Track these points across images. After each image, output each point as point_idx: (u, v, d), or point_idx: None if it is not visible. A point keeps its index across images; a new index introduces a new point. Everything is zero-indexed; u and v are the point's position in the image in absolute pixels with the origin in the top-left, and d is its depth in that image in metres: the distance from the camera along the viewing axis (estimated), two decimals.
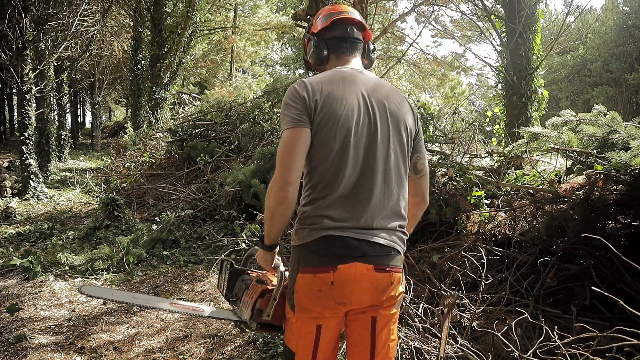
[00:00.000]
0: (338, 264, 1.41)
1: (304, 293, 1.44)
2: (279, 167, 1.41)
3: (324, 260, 1.42)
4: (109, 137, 24.70)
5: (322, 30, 1.65)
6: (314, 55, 1.66)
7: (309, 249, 1.44)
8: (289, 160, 1.40)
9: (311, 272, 1.43)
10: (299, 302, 1.45)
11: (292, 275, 1.48)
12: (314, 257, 1.43)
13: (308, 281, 1.43)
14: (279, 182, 1.40)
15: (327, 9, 1.70)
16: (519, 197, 3.78)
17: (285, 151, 1.41)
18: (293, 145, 1.41)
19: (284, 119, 1.45)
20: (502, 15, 7.12)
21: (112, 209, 6.11)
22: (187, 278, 4.39)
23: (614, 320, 2.53)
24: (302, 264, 1.45)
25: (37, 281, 4.29)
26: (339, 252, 1.42)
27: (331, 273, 1.41)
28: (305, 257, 1.45)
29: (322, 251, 1.43)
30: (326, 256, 1.42)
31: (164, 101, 13.37)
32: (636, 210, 2.93)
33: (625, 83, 20.82)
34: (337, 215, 1.43)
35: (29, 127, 9.09)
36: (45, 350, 3.00)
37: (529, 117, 6.77)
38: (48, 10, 9.30)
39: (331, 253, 1.42)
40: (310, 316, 1.46)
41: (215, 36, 19.29)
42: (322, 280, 1.42)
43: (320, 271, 1.42)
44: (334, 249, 1.42)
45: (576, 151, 3.36)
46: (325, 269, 1.41)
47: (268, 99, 8.28)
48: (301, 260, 1.45)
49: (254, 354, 2.93)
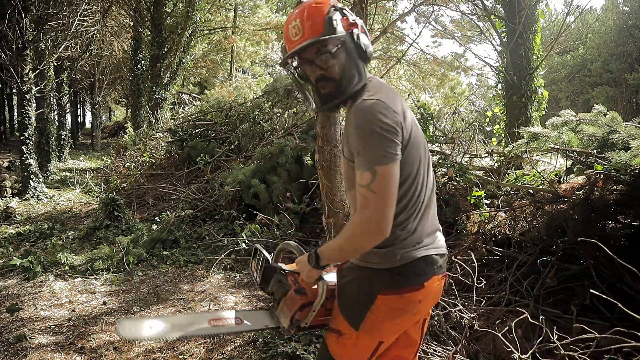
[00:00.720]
0: (425, 282, 1.41)
1: (383, 314, 1.41)
2: (381, 206, 1.27)
3: (413, 281, 1.40)
4: (109, 137, 24.71)
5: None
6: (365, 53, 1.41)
7: (399, 272, 1.39)
8: (392, 199, 1.29)
9: (396, 294, 1.39)
10: (372, 323, 1.41)
11: (365, 297, 1.41)
12: (401, 279, 1.39)
13: (391, 302, 1.40)
14: (379, 226, 1.28)
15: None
16: (519, 197, 3.78)
17: (387, 190, 1.27)
18: (395, 181, 1.29)
19: (378, 153, 1.27)
20: (502, 15, 7.12)
21: (112, 209, 6.12)
22: (187, 278, 4.39)
23: (614, 320, 2.53)
24: (386, 287, 1.39)
25: (37, 281, 4.29)
26: (427, 270, 1.42)
27: (419, 291, 1.40)
28: (390, 279, 1.40)
29: (414, 272, 1.40)
30: (417, 276, 1.40)
31: (164, 101, 13.37)
32: (636, 210, 2.93)
33: (625, 83, 20.83)
34: (425, 235, 1.42)
35: (29, 127, 9.10)
36: (45, 350, 3.00)
37: (529, 117, 6.78)
38: (48, 10, 9.30)
39: (422, 272, 1.41)
40: (378, 334, 1.44)
41: (215, 36, 19.29)
42: (409, 299, 1.40)
43: (408, 291, 1.40)
44: (425, 268, 1.42)
45: (576, 151, 3.36)
46: (413, 288, 1.40)
47: (268, 99, 8.28)
48: (383, 283, 1.40)
49: (254, 354, 2.93)
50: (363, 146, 1.29)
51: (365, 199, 1.28)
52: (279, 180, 5.43)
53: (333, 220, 3.27)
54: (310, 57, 1.41)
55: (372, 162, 1.27)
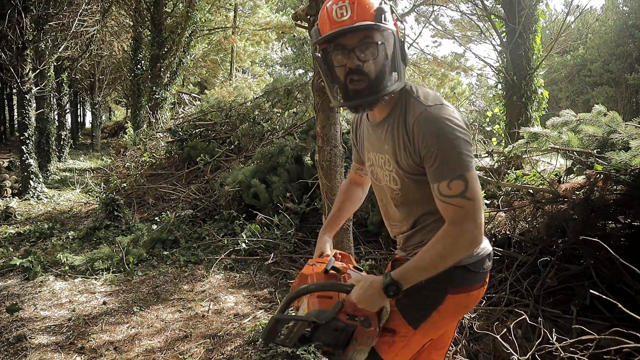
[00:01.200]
0: (486, 278, 1.40)
1: (449, 313, 1.37)
2: (479, 212, 1.23)
3: (481, 277, 1.38)
4: (109, 137, 24.71)
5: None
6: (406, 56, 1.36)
7: (473, 269, 1.36)
8: (483, 203, 1.28)
9: (465, 292, 1.36)
10: (435, 323, 1.37)
11: (434, 296, 1.34)
12: (473, 276, 1.36)
13: (460, 301, 1.36)
14: (478, 233, 1.23)
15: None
16: (519, 197, 3.78)
17: (479, 195, 1.24)
18: (479, 185, 1.27)
19: (465, 159, 1.23)
20: (502, 15, 7.12)
21: (112, 209, 6.11)
22: (187, 278, 4.39)
23: (614, 320, 2.53)
24: (457, 285, 1.35)
25: (37, 281, 4.29)
26: (489, 266, 1.41)
27: (483, 288, 1.39)
28: (463, 277, 1.35)
29: (483, 268, 1.38)
30: (484, 272, 1.39)
31: (164, 101, 13.37)
32: (636, 210, 2.93)
33: (625, 83, 20.83)
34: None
35: (29, 127, 9.10)
36: (45, 350, 3.00)
37: (529, 117, 6.78)
38: (48, 10, 9.30)
39: (487, 267, 1.40)
40: (434, 332, 1.41)
41: (215, 36, 19.28)
42: (475, 297, 1.38)
43: (475, 288, 1.37)
44: (489, 262, 1.40)
45: (576, 151, 3.36)
46: (479, 284, 1.38)
47: (268, 99, 8.28)
48: (456, 281, 1.34)
49: (254, 354, 2.93)
50: (448, 154, 1.22)
51: (461, 209, 1.22)
52: (279, 180, 5.43)
53: None
54: (351, 43, 1.27)
55: (461, 169, 1.22)
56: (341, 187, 1.88)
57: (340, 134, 3.31)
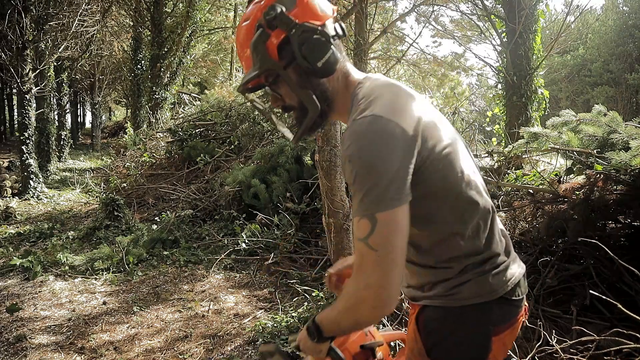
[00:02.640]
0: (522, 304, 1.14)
1: (498, 354, 1.10)
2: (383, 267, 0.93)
3: (520, 302, 1.12)
4: (109, 137, 24.69)
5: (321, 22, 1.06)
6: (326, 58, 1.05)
7: (509, 297, 1.08)
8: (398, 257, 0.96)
9: (508, 327, 1.09)
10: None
11: (474, 345, 1.07)
12: (510, 307, 1.09)
13: (505, 339, 1.10)
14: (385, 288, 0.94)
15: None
16: (519, 197, 3.78)
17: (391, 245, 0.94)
18: (402, 232, 0.96)
19: (380, 194, 0.93)
20: (502, 15, 7.12)
21: (112, 209, 6.11)
22: (187, 278, 4.39)
23: (614, 320, 2.53)
24: (497, 322, 1.07)
25: (37, 281, 4.29)
26: (525, 285, 1.16)
27: (524, 316, 1.14)
28: (499, 312, 1.07)
29: (520, 292, 1.12)
30: (521, 298, 1.12)
31: (164, 101, 13.37)
32: (636, 210, 2.93)
33: (625, 83, 20.82)
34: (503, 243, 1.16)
35: (29, 127, 9.10)
36: (45, 350, 3.00)
37: (529, 117, 6.78)
38: (48, 10, 9.31)
39: (524, 290, 1.14)
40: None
41: (215, 36, 19.28)
42: (517, 328, 1.12)
43: (516, 320, 1.10)
44: (524, 282, 1.15)
45: (576, 151, 3.36)
46: (518, 315, 1.11)
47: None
48: (493, 318, 1.07)
49: (254, 354, 2.93)
50: (358, 185, 0.94)
51: (362, 258, 0.95)
52: (279, 180, 5.43)
53: (333, 220, 3.28)
54: (257, 87, 1.14)
55: (373, 206, 0.92)
56: None
57: (340, 133, 3.31)
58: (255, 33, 1.04)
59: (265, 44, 1.03)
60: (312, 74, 1.05)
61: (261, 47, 1.04)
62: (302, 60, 1.03)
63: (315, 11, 1.05)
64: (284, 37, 1.02)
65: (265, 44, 1.03)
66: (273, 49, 1.04)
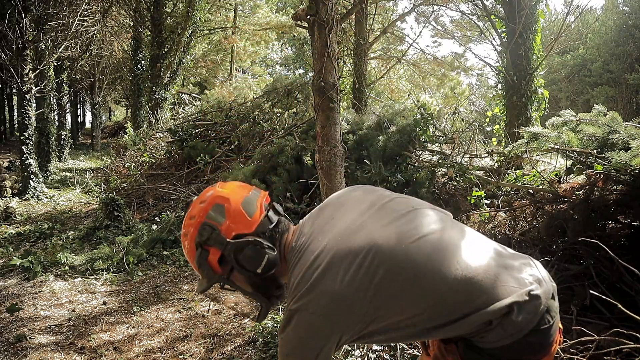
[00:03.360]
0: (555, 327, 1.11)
1: None
2: None
3: (547, 330, 1.08)
4: (109, 137, 24.69)
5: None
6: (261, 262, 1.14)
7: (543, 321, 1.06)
8: None
9: (546, 354, 1.08)
10: None
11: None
12: (541, 336, 1.06)
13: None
14: None
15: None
16: (519, 197, 3.78)
17: None
18: None
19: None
20: (502, 15, 7.11)
21: (112, 209, 6.11)
22: (187, 278, 4.39)
23: (614, 320, 2.53)
24: (537, 351, 1.06)
25: (37, 281, 4.29)
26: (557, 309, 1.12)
27: (559, 337, 1.12)
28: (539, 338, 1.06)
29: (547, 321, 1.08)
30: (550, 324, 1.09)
31: (164, 101, 13.37)
32: (636, 210, 2.93)
33: (625, 83, 20.81)
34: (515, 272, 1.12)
35: (29, 127, 9.10)
36: (45, 350, 3.00)
37: (529, 117, 6.77)
38: (48, 10, 9.30)
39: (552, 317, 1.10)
40: None
41: (215, 36, 19.28)
42: (555, 350, 1.10)
43: (550, 345, 1.08)
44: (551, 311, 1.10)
45: (576, 151, 3.36)
46: (552, 340, 1.08)
47: (268, 99, 8.27)
48: (536, 346, 1.06)
49: (254, 354, 2.93)
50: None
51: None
52: (279, 180, 5.43)
53: None
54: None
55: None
56: None
57: (340, 134, 3.31)
58: (196, 252, 1.15)
59: (207, 260, 1.14)
60: (255, 277, 1.14)
61: (204, 263, 1.14)
62: (242, 270, 1.13)
63: (244, 219, 1.13)
64: (220, 254, 1.13)
65: (206, 260, 1.14)
66: (214, 264, 1.14)
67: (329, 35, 3.16)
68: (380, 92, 15.44)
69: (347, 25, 8.90)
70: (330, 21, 3.15)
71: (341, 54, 8.68)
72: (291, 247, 1.15)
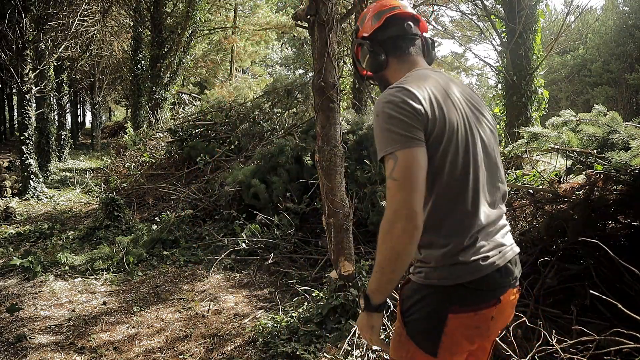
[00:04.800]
0: (500, 296, 1.26)
1: (459, 334, 1.25)
2: (405, 192, 1.15)
3: (487, 295, 1.25)
4: (109, 137, 24.69)
5: (375, 31, 1.44)
6: (370, 62, 1.46)
7: (470, 287, 1.23)
8: (416, 184, 1.16)
9: (471, 311, 1.24)
10: (451, 348, 1.26)
11: (433, 316, 1.25)
12: (473, 295, 1.24)
13: (465, 321, 1.24)
14: (407, 212, 1.14)
15: (374, 6, 1.49)
16: (519, 197, 3.78)
17: (410, 174, 1.16)
18: (418, 166, 1.17)
19: (395, 137, 1.18)
20: (502, 15, 7.12)
21: (112, 209, 6.12)
22: (187, 278, 4.39)
23: (614, 320, 2.53)
24: (456, 304, 1.23)
25: (37, 281, 4.29)
26: (503, 282, 1.27)
27: (494, 307, 1.26)
28: (459, 296, 1.23)
29: (488, 286, 1.25)
30: (491, 290, 1.25)
31: (164, 101, 13.37)
32: (636, 210, 2.93)
33: (625, 83, 20.81)
34: (488, 242, 1.27)
35: (29, 127, 9.10)
36: (45, 350, 3.00)
37: (529, 117, 6.77)
38: (48, 10, 9.30)
39: (497, 285, 1.26)
40: (462, 356, 1.31)
41: (215, 36, 19.29)
42: (485, 316, 1.26)
43: (483, 307, 1.25)
44: (500, 280, 1.26)
45: (576, 151, 3.36)
46: (489, 303, 1.25)
47: (268, 99, 8.27)
48: (453, 300, 1.23)
49: (254, 354, 2.93)
50: (383, 133, 1.21)
51: (389, 191, 1.18)
52: (279, 180, 5.43)
53: (333, 220, 3.28)
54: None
55: (393, 146, 1.18)
56: None
57: (340, 134, 3.31)
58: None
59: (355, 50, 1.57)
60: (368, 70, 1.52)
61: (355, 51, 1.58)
62: (357, 62, 1.57)
63: (365, 27, 1.49)
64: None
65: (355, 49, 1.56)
66: (357, 54, 1.55)
67: (329, 35, 3.16)
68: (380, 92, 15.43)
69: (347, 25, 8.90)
70: (330, 21, 3.15)
71: (341, 54, 8.67)
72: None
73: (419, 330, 1.27)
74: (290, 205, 5.06)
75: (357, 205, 4.64)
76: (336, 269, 3.31)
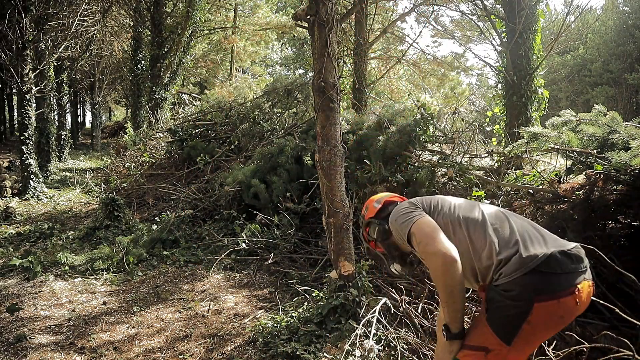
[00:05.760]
0: (577, 283, 1.35)
1: (543, 325, 1.33)
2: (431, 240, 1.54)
3: (562, 280, 1.34)
4: (109, 137, 24.69)
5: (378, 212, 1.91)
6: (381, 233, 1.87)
7: (544, 270, 1.34)
8: (433, 232, 1.60)
9: (554, 298, 1.33)
10: (529, 337, 1.35)
11: (520, 305, 1.34)
12: (551, 279, 1.34)
13: (552, 309, 1.32)
14: (442, 246, 1.49)
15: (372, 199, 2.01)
16: (519, 197, 3.78)
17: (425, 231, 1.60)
18: (429, 223, 1.64)
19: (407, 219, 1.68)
20: (502, 15, 7.11)
21: (112, 209, 6.12)
22: (187, 278, 4.39)
23: (614, 320, 2.53)
24: (540, 290, 1.33)
25: (37, 281, 4.29)
26: (576, 268, 1.37)
27: (574, 295, 1.33)
28: (540, 280, 1.33)
29: (559, 268, 1.35)
30: (565, 274, 1.35)
31: (164, 101, 13.37)
32: (636, 210, 2.93)
33: (625, 83, 20.82)
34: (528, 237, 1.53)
35: (29, 127, 9.10)
36: (45, 350, 3.00)
37: (529, 117, 6.77)
38: (48, 10, 9.31)
39: (569, 269, 1.35)
40: (529, 347, 1.40)
41: (215, 36, 19.28)
42: (568, 305, 1.33)
43: (562, 295, 1.33)
44: (572, 265, 1.36)
45: (576, 151, 3.36)
46: (566, 291, 1.33)
47: (268, 99, 8.27)
48: (537, 286, 1.33)
49: (254, 354, 2.93)
50: (400, 225, 1.69)
51: (423, 255, 1.55)
52: (279, 180, 5.43)
53: (333, 220, 3.28)
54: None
55: (408, 226, 1.63)
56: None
57: (340, 134, 3.31)
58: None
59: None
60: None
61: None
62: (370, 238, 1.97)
63: (370, 211, 1.96)
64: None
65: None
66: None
67: (329, 35, 3.16)
68: (380, 92, 15.43)
69: (347, 25, 8.90)
70: (330, 21, 3.14)
71: (341, 54, 8.68)
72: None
73: (501, 320, 1.38)
74: (290, 205, 5.06)
75: (357, 205, 4.64)
76: (336, 269, 3.31)
